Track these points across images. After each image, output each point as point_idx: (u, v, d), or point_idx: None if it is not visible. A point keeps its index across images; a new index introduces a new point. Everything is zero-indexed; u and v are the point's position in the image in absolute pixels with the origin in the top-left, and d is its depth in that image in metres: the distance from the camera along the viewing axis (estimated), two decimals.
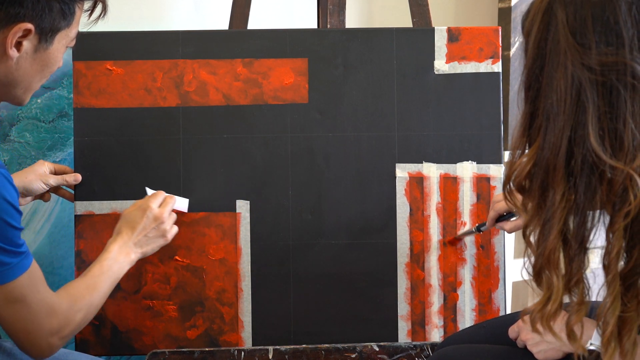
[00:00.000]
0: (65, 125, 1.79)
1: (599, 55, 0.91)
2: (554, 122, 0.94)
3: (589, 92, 0.91)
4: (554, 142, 0.94)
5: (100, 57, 1.61)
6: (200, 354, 1.57)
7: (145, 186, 1.59)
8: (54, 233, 1.79)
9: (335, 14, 1.80)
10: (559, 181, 0.94)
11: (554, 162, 0.94)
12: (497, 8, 1.96)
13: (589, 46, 0.91)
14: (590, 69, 0.91)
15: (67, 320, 1.22)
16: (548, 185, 0.95)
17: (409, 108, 1.64)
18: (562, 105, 0.93)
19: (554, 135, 0.94)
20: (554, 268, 0.96)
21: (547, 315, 0.97)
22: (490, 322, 1.42)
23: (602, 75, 0.91)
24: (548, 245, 0.95)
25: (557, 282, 0.96)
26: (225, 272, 1.61)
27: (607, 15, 0.91)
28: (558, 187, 0.94)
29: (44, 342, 1.18)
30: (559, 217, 0.94)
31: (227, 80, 1.63)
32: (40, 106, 1.78)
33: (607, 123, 0.91)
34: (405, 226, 1.63)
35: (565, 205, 0.94)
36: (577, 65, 0.91)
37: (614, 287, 0.93)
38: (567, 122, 0.93)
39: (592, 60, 0.91)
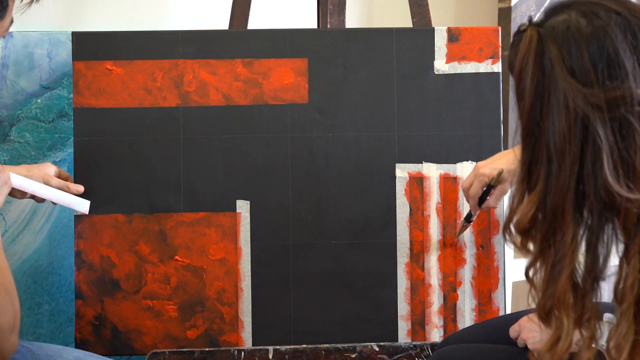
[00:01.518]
0: (65, 125, 1.79)
1: (605, 92, 0.87)
2: (559, 164, 0.90)
3: (599, 129, 0.88)
4: (562, 184, 0.90)
5: (100, 57, 1.61)
6: (200, 354, 1.57)
7: (145, 186, 1.59)
8: (54, 233, 1.79)
9: (335, 14, 1.80)
10: (568, 223, 0.91)
11: (562, 205, 0.91)
12: (497, 8, 1.96)
13: (591, 84, 0.88)
14: (598, 106, 0.87)
15: (14, 309, 1.16)
16: (556, 227, 0.92)
17: (409, 108, 1.64)
18: (567, 146, 0.89)
19: (560, 178, 0.90)
20: (565, 309, 0.93)
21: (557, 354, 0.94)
22: (490, 321, 1.42)
23: (610, 110, 0.87)
24: (559, 287, 0.92)
25: (567, 323, 0.93)
26: (225, 272, 1.61)
27: (605, 48, 0.88)
28: (567, 229, 0.91)
29: (8, 343, 1.14)
30: (570, 259, 0.92)
31: (227, 80, 1.63)
32: (40, 106, 1.78)
33: (618, 156, 0.88)
34: (405, 226, 1.63)
35: (575, 246, 0.92)
36: (583, 104, 0.88)
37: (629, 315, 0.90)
38: (574, 163, 0.89)
39: (597, 98, 0.87)
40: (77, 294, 1.60)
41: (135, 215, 1.61)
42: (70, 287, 1.78)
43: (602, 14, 0.89)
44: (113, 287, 1.60)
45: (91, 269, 1.60)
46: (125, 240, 1.60)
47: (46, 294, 1.79)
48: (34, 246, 1.79)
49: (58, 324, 1.79)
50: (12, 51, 1.77)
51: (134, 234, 1.60)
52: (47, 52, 1.78)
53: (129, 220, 1.61)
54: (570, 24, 0.89)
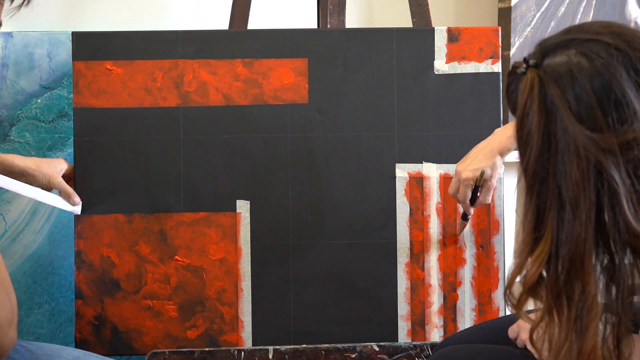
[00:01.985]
0: (65, 125, 1.79)
1: (616, 136, 0.84)
2: (573, 212, 0.85)
3: (614, 173, 0.84)
4: (578, 232, 0.85)
5: (100, 57, 1.61)
6: (200, 354, 1.57)
7: (145, 186, 1.59)
8: (54, 233, 1.79)
9: (335, 14, 1.80)
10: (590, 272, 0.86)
11: (581, 254, 0.86)
12: (497, 8, 1.96)
13: (601, 129, 0.84)
14: (611, 151, 0.84)
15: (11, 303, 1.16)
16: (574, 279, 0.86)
17: (409, 108, 1.64)
18: (581, 193, 0.85)
19: (576, 226, 0.85)
20: None
21: None
22: (489, 323, 1.42)
23: (624, 154, 0.84)
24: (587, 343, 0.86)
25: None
26: (225, 272, 1.61)
27: (611, 89, 0.84)
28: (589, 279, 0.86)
29: (7, 338, 1.14)
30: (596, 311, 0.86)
31: (227, 80, 1.63)
32: (40, 106, 1.78)
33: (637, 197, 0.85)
34: (405, 226, 1.63)
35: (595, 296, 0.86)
36: (595, 150, 0.84)
37: None
38: (590, 209, 0.85)
39: (609, 143, 0.84)
40: (77, 294, 1.60)
41: (136, 215, 1.61)
42: (70, 287, 1.78)
43: (603, 52, 0.85)
44: (113, 287, 1.60)
45: (91, 269, 1.60)
46: (125, 240, 1.60)
47: (46, 294, 1.79)
48: (34, 246, 1.79)
49: (58, 324, 1.79)
50: (12, 51, 1.77)
51: (134, 234, 1.60)
52: (47, 52, 1.78)
53: (129, 220, 1.61)
54: (571, 65, 0.86)
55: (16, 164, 1.50)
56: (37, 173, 1.51)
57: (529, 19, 1.93)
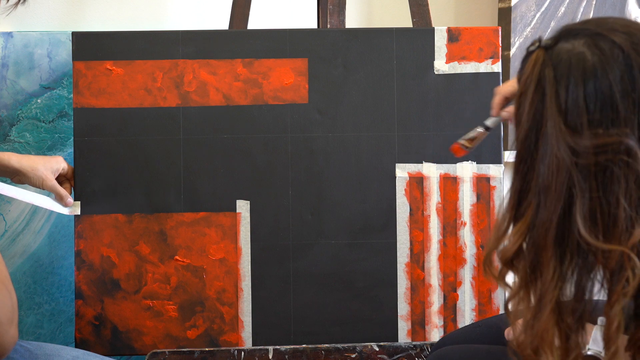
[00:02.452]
0: (65, 125, 1.79)
1: (593, 138, 0.84)
2: (544, 200, 0.87)
3: (577, 177, 0.85)
4: (545, 220, 0.88)
5: (100, 57, 1.61)
6: (200, 354, 1.57)
7: (145, 186, 1.59)
8: (54, 233, 1.79)
9: (335, 14, 1.80)
10: (549, 260, 0.89)
11: (544, 241, 0.88)
12: (497, 8, 1.96)
13: (580, 129, 0.84)
14: (581, 154, 0.84)
15: (12, 302, 1.17)
16: (538, 263, 0.89)
17: (409, 108, 1.64)
18: (553, 184, 0.86)
19: (545, 213, 0.88)
20: (549, 347, 0.90)
21: None
22: (485, 321, 1.42)
23: (595, 156, 0.84)
24: (541, 325, 0.89)
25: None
26: (225, 272, 1.61)
27: (601, 89, 0.84)
28: (548, 266, 0.89)
29: (8, 336, 1.14)
30: (551, 296, 0.89)
31: (227, 80, 1.63)
32: (40, 106, 1.78)
33: (599, 205, 0.85)
34: (405, 226, 1.63)
35: (556, 284, 0.89)
36: (567, 152, 0.85)
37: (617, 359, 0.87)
38: (557, 202, 0.87)
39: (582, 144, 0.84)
40: (77, 294, 1.60)
41: (136, 215, 1.61)
42: (70, 287, 1.78)
43: (606, 50, 0.85)
44: (113, 287, 1.60)
45: (91, 269, 1.60)
46: (125, 240, 1.60)
47: (46, 294, 1.79)
48: (34, 246, 1.80)
49: (58, 324, 1.79)
50: (12, 51, 1.77)
51: (134, 234, 1.61)
52: (47, 52, 1.78)
53: (129, 220, 1.61)
54: (573, 55, 0.86)
55: (11, 164, 1.50)
56: (31, 174, 1.51)
57: (529, 19, 1.93)
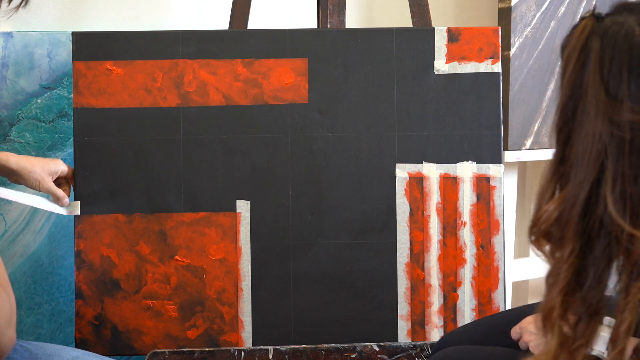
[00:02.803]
0: (65, 125, 1.79)
1: (632, 113, 0.82)
2: (575, 173, 0.85)
3: (611, 151, 0.82)
4: (573, 194, 0.85)
5: (100, 57, 1.61)
6: (200, 354, 1.57)
7: (145, 186, 1.59)
8: (54, 233, 1.79)
9: (335, 14, 1.80)
10: (570, 237, 0.86)
11: (568, 216, 0.86)
12: (497, 8, 1.96)
13: (621, 101, 0.82)
14: (618, 125, 0.82)
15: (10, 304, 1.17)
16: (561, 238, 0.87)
17: (409, 108, 1.64)
18: (585, 157, 0.84)
19: (573, 188, 0.85)
20: (550, 326, 0.88)
21: None
22: (488, 319, 1.42)
23: (631, 133, 0.82)
24: (549, 300, 0.88)
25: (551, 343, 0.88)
26: (225, 272, 1.61)
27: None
28: (568, 244, 0.86)
29: (6, 338, 1.14)
30: (565, 274, 0.86)
31: (227, 80, 1.63)
32: (40, 106, 1.78)
33: (629, 186, 0.82)
34: (405, 226, 1.63)
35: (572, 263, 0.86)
36: (605, 120, 0.83)
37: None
38: (587, 178, 0.84)
39: (621, 117, 0.82)
40: (77, 294, 1.60)
41: (136, 215, 1.61)
42: (70, 287, 1.78)
43: None
44: (113, 287, 1.60)
45: (91, 269, 1.60)
46: (125, 240, 1.60)
47: (46, 294, 1.79)
48: (34, 246, 1.80)
49: (58, 324, 1.79)
50: (12, 51, 1.77)
51: (134, 234, 1.61)
52: (47, 52, 1.78)
53: (129, 220, 1.61)
54: (622, 28, 0.84)
55: (9, 165, 1.50)
56: (27, 176, 1.51)
57: (529, 19, 1.93)
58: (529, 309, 1.29)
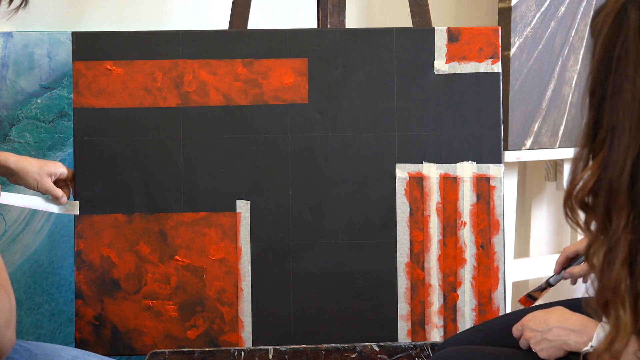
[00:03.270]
0: (65, 125, 1.79)
1: None
2: (619, 138, 0.83)
3: None
4: (618, 161, 0.83)
5: (100, 57, 1.61)
6: (200, 354, 1.57)
7: (145, 186, 1.59)
8: (54, 233, 1.79)
9: (335, 14, 1.80)
10: (623, 205, 0.83)
11: (617, 184, 0.83)
12: (497, 8, 1.96)
13: None
14: None
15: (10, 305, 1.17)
16: (612, 207, 0.84)
17: (409, 108, 1.64)
18: (627, 121, 0.82)
19: (618, 153, 0.83)
20: (621, 302, 0.85)
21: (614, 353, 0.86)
22: (488, 324, 1.42)
23: None
24: (613, 275, 0.84)
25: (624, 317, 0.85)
26: (225, 272, 1.61)
27: None
28: (622, 212, 0.84)
29: (5, 338, 1.14)
30: (624, 245, 0.84)
31: (227, 80, 1.63)
32: (40, 106, 1.78)
33: None
34: (405, 226, 1.63)
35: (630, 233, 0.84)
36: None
37: None
38: (633, 142, 0.83)
39: None
40: (77, 294, 1.60)
41: (136, 215, 1.61)
42: (70, 287, 1.78)
43: None
44: (113, 287, 1.60)
45: (91, 269, 1.60)
46: (125, 240, 1.61)
47: (46, 294, 1.79)
48: (34, 246, 1.79)
49: (58, 324, 1.79)
50: (12, 51, 1.77)
51: (134, 234, 1.61)
52: (47, 52, 1.78)
53: (129, 220, 1.61)
54: None
55: (8, 164, 1.50)
56: (26, 176, 1.51)
57: (529, 19, 1.93)
58: (529, 311, 1.29)
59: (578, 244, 1.45)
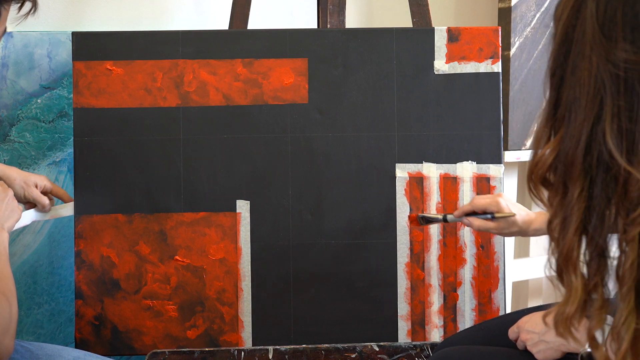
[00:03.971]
0: (65, 125, 1.79)
1: (624, 52, 0.86)
2: (575, 113, 0.89)
3: (609, 88, 0.87)
4: (574, 135, 0.89)
5: (100, 57, 1.61)
6: (200, 354, 1.57)
7: (145, 186, 1.59)
8: (54, 233, 1.79)
9: (335, 14, 1.80)
10: (577, 177, 0.89)
11: (572, 156, 0.89)
12: (497, 8, 1.96)
13: (615, 40, 0.87)
14: (614, 63, 0.87)
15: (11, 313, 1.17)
16: (567, 179, 0.91)
17: (409, 108, 1.64)
18: (584, 97, 0.88)
19: (574, 128, 0.89)
20: (573, 268, 0.91)
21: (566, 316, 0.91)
22: (488, 323, 1.42)
23: (625, 72, 0.86)
24: (566, 243, 0.90)
25: (575, 282, 0.91)
26: (225, 272, 1.61)
27: (637, 11, 0.87)
28: (576, 183, 0.89)
29: (2, 346, 1.15)
30: (577, 214, 0.89)
31: (227, 80, 1.63)
32: (40, 106, 1.78)
33: (625, 123, 0.87)
34: (405, 226, 1.63)
35: (583, 202, 0.89)
36: (601, 59, 0.87)
37: (629, 300, 0.87)
38: (587, 116, 0.88)
39: (616, 56, 0.86)
40: (77, 294, 1.60)
41: (136, 215, 1.61)
42: (70, 287, 1.78)
43: None
44: (113, 287, 1.60)
45: (91, 269, 1.60)
46: (125, 240, 1.61)
47: (46, 294, 1.79)
48: (34, 246, 1.79)
49: (58, 324, 1.79)
50: (12, 51, 1.77)
51: (134, 234, 1.61)
52: (47, 52, 1.78)
53: (129, 220, 1.61)
54: None
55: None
56: (12, 184, 1.51)
57: (529, 19, 1.93)
58: (528, 312, 1.29)
59: (490, 200, 1.45)
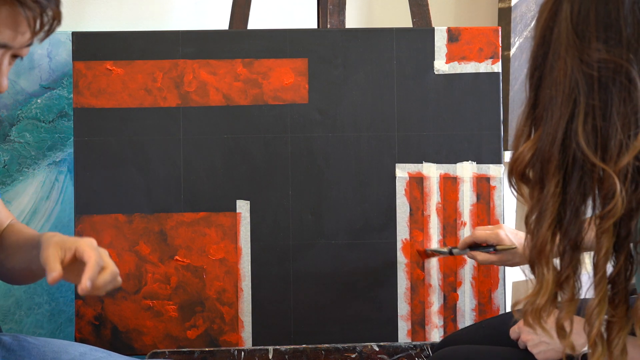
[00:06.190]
0: (65, 125, 1.79)
1: (597, 52, 0.90)
2: (551, 112, 0.93)
3: (582, 87, 0.90)
4: (551, 133, 0.93)
5: (100, 57, 1.61)
6: (200, 354, 1.57)
7: (145, 186, 1.59)
8: None
9: (335, 14, 1.80)
10: (553, 173, 0.93)
11: (549, 154, 0.93)
12: (497, 8, 1.96)
13: (589, 40, 0.90)
14: (587, 64, 0.90)
15: None
16: (544, 175, 0.94)
17: (409, 108, 1.64)
18: (559, 96, 0.92)
19: (550, 126, 0.93)
20: (545, 261, 0.95)
21: (536, 308, 0.96)
22: (488, 321, 1.42)
23: (598, 71, 0.90)
24: (540, 237, 0.94)
25: (547, 275, 0.95)
26: (225, 272, 1.61)
27: (609, 10, 0.89)
28: (552, 179, 0.93)
29: None
30: (552, 209, 0.93)
31: (227, 80, 1.63)
32: (40, 106, 1.78)
33: (598, 121, 0.90)
34: (405, 226, 1.63)
35: (558, 198, 0.93)
36: (575, 60, 0.90)
37: (601, 288, 0.92)
38: (563, 115, 0.92)
39: (589, 56, 0.90)
40: (77, 294, 1.60)
41: (136, 215, 1.61)
42: (70, 287, 1.78)
43: None
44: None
45: None
46: (125, 240, 1.60)
47: (46, 294, 1.78)
48: None
49: (58, 324, 1.79)
50: None
51: (134, 234, 1.61)
52: (47, 52, 1.78)
53: (129, 220, 1.61)
54: None
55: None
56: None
57: (529, 19, 1.93)
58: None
59: (489, 232, 1.47)
